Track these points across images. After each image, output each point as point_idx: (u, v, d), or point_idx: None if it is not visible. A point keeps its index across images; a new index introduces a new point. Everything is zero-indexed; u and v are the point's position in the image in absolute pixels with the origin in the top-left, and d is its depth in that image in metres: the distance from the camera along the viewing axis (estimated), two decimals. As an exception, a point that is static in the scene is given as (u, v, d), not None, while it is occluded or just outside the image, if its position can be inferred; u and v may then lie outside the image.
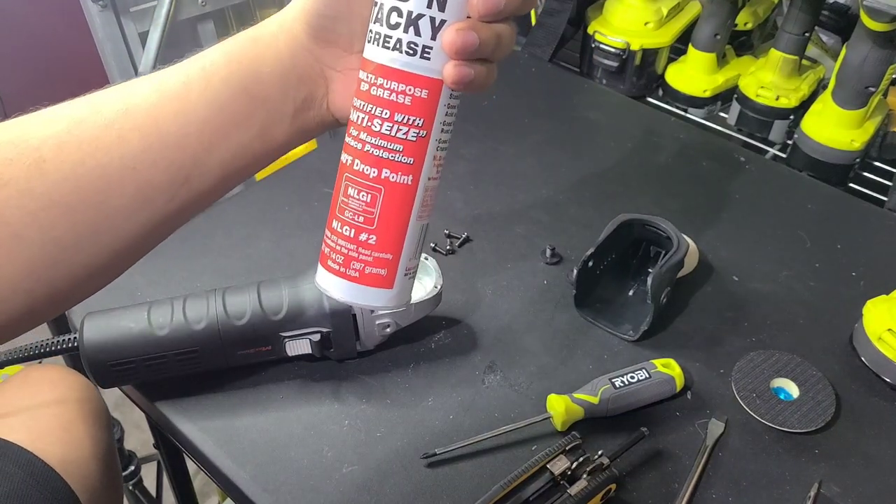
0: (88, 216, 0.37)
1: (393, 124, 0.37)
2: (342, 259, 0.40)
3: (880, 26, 0.77)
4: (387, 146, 0.37)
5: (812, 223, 0.76)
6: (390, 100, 0.37)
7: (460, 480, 0.54)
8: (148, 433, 1.49)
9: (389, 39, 0.36)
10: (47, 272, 0.37)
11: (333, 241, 0.41)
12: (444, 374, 0.61)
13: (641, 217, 0.67)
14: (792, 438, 0.57)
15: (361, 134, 0.38)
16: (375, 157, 0.38)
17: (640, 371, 0.58)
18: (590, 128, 0.89)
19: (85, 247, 0.38)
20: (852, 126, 0.86)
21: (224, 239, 0.73)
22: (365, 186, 0.38)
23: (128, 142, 0.37)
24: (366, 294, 0.40)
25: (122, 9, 0.96)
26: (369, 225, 0.39)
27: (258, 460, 0.55)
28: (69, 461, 0.59)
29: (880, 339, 0.61)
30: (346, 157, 0.39)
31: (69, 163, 0.36)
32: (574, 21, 1.04)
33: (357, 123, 0.38)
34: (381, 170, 0.38)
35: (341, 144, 0.39)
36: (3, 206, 0.35)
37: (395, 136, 0.37)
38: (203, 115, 0.38)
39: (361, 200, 0.39)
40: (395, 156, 0.38)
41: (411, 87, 0.37)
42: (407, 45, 0.36)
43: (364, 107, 0.38)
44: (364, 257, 0.40)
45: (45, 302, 0.38)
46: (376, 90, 0.37)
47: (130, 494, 1.21)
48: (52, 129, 0.37)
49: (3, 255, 0.35)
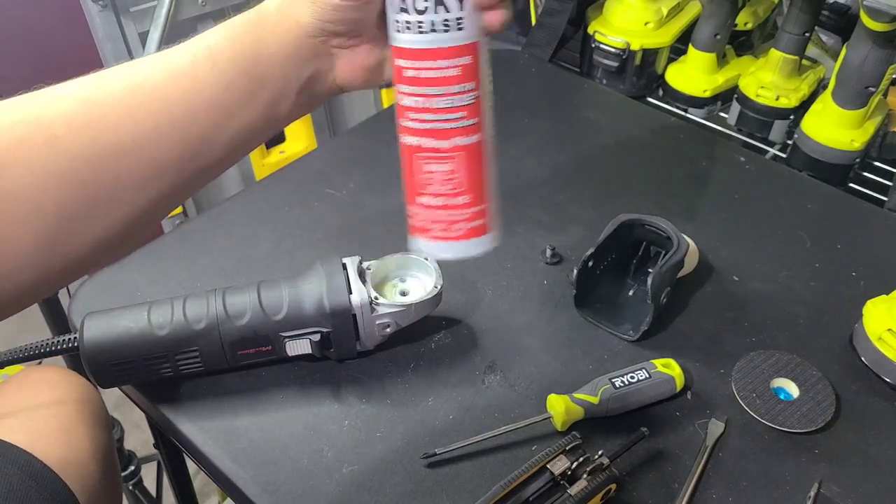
0: (102, 191, 0.38)
1: (450, 97, 0.40)
2: (443, 226, 0.44)
3: (880, 26, 0.77)
4: (451, 118, 0.41)
5: (812, 223, 0.76)
6: (442, 76, 0.39)
7: (460, 480, 0.54)
8: (148, 433, 1.49)
9: (422, 24, 0.38)
10: (62, 246, 0.38)
11: (426, 214, 0.44)
12: (444, 374, 0.61)
13: (641, 217, 0.67)
14: (792, 438, 0.57)
15: (422, 115, 0.41)
16: (444, 130, 0.41)
17: (640, 371, 0.58)
18: (590, 128, 0.89)
19: (99, 219, 0.39)
20: (852, 126, 0.86)
21: (224, 239, 0.73)
22: (442, 158, 0.41)
23: (137, 120, 0.38)
24: (475, 246, 0.45)
25: (122, 9, 0.96)
26: (458, 188, 0.43)
27: (258, 460, 0.55)
28: (68, 462, 0.59)
29: (880, 339, 0.61)
30: (411, 139, 0.42)
31: (81, 140, 0.37)
32: (574, 21, 1.04)
33: (414, 107, 0.41)
34: (452, 139, 0.41)
35: (341, 144, 0.40)
36: (18, 183, 0.36)
37: (455, 107, 0.40)
38: (210, 94, 0.40)
39: (443, 171, 0.42)
40: (460, 122, 0.41)
41: (456, 58, 0.39)
42: (442, 24, 0.38)
43: (416, 91, 0.40)
44: (463, 218, 0.43)
45: (58, 275, 0.39)
46: (425, 73, 0.39)
47: (130, 494, 1.21)
48: (62, 108, 0.38)
49: (18, 230, 0.36)
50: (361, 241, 0.72)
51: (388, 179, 0.80)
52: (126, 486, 1.19)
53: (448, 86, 0.40)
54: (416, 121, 0.41)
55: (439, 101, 0.40)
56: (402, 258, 0.62)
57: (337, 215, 0.75)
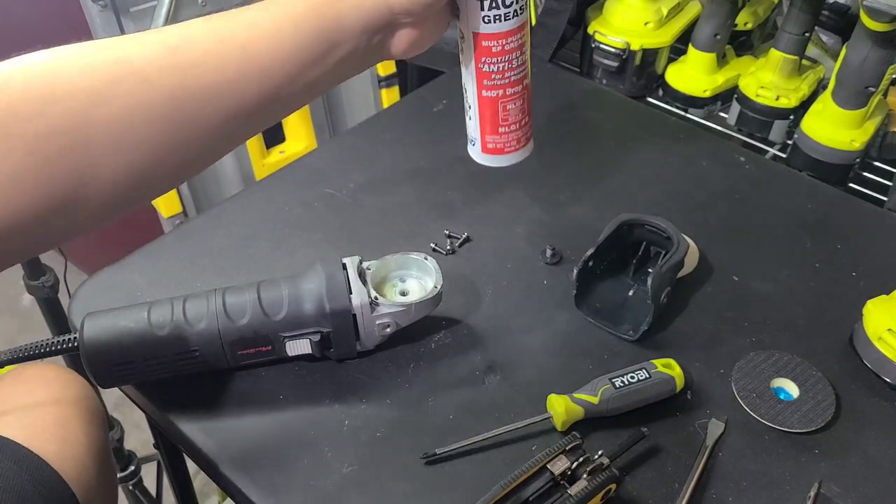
0: (184, 130, 0.44)
1: (520, 56, 0.59)
2: (515, 142, 0.64)
3: (880, 26, 0.77)
4: (520, 70, 0.60)
5: (812, 223, 0.76)
6: (518, 45, 0.58)
7: (460, 480, 0.54)
8: (148, 433, 1.48)
9: (509, 14, 0.56)
10: (146, 171, 0.43)
11: (504, 138, 0.63)
12: (444, 374, 0.61)
13: (641, 217, 0.67)
14: (792, 438, 0.57)
15: (506, 73, 0.59)
16: (517, 79, 0.60)
17: (640, 371, 0.58)
18: (590, 128, 0.89)
19: (180, 150, 0.44)
20: (852, 126, 0.86)
21: (224, 239, 0.73)
22: (517, 97, 0.62)
23: (224, 71, 0.44)
24: (527, 151, 0.66)
25: (122, 9, 0.96)
26: (525, 115, 0.64)
27: (258, 460, 0.55)
28: (65, 458, 0.59)
29: (880, 339, 0.61)
30: (495, 92, 0.61)
31: (172, 83, 0.42)
32: (574, 21, 1.04)
33: (498, 71, 0.59)
34: (522, 83, 0.61)
35: (341, 144, 0.40)
36: (111, 118, 0.40)
37: (521, 64, 0.60)
38: (289, 52, 0.46)
39: (518, 106, 0.62)
40: (523, 70, 0.61)
41: (522, 31, 0.58)
42: (514, 12, 0.56)
43: (503, 59, 0.58)
44: (525, 134, 0.65)
45: (142, 192, 0.45)
46: (510, 45, 0.58)
47: (130, 494, 1.21)
48: (152, 52, 0.42)
49: (108, 159, 0.41)
50: (361, 241, 0.72)
51: (388, 179, 0.80)
52: (126, 486, 1.19)
53: (521, 50, 0.59)
54: (501, 77, 0.59)
55: (516, 61, 0.59)
56: (402, 258, 0.62)
57: (337, 215, 0.75)
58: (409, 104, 0.93)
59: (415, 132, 0.87)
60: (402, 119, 0.89)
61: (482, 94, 0.61)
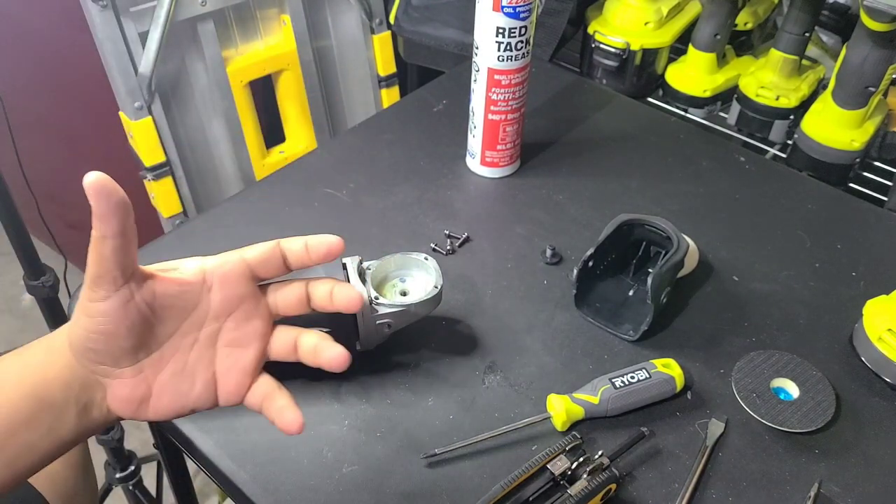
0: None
1: (522, 88, 0.75)
2: (508, 158, 0.79)
3: (880, 26, 0.77)
4: (521, 100, 0.76)
5: (812, 223, 0.77)
6: (522, 80, 0.74)
7: (460, 480, 0.54)
8: (148, 433, 1.49)
9: (518, 56, 0.71)
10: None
11: (500, 154, 0.78)
12: (444, 374, 0.61)
13: (641, 217, 0.67)
14: (792, 438, 0.57)
15: (510, 102, 0.74)
16: (517, 107, 0.76)
17: (640, 371, 0.58)
18: (590, 128, 0.89)
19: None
20: (852, 126, 0.86)
21: (224, 239, 0.72)
22: (515, 122, 0.77)
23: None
24: (514, 167, 0.81)
25: (122, 9, 0.96)
26: (517, 137, 0.79)
27: (258, 460, 0.55)
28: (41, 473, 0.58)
29: (880, 339, 0.61)
30: (499, 116, 0.75)
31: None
32: (574, 21, 1.04)
33: (504, 100, 0.74)
34: (520, 110, 0.76)
35: (341, 144, 0.40)
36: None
37: (523, 95, 0.75)
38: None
39: (514, 129, 0.77)
40: (523, 100, 0.76)
41: (526, 70, 0.74)
42: (526, 52, 0.72)
43: (509, 90, 0.74)
44: (516, 152, 0.80)
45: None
46: (516, 79, 0.73)
47: (130, 494, 1.21)
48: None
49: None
50: (361, 241, 0.72)
51: (388, 179, 0.80)
52: (126, 486, 1.19)
53: (522, 84, 0.74)
54: (505, 105, 0.74)
55: (518, 92, 0.74)
56: (402, 258, 0.62)
57: (337, 215, 0.75)
58: (409, 104, 0.93)
59: (415, 132, 0.87)
60: (402, 119, 0.89)
61: (488, 118, 0.75)
